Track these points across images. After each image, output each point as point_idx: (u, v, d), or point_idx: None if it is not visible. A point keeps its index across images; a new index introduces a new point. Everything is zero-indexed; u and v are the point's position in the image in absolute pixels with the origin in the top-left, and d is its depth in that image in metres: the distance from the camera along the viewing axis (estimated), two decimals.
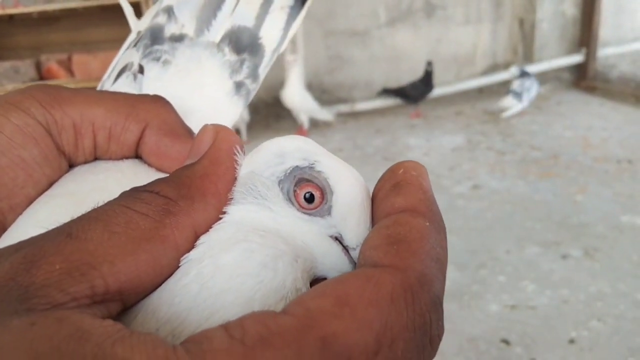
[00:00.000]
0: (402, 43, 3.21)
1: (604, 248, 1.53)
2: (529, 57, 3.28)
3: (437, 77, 2.88)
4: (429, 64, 2.83)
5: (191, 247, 0.19)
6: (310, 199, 0.20)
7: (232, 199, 0.21)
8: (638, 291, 1.33)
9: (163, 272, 0.18)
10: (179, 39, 0.35)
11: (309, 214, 0.20)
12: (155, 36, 0.35)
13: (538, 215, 1.76)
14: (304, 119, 2.75)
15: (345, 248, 0.21)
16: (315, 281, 0.21)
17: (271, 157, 0.21)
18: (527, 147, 2.40)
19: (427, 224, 0.19)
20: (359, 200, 0.20)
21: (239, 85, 0.35)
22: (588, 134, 2.53)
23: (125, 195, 0.19)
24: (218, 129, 0.22)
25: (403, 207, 0.19)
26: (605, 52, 3.38)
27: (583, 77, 3.29)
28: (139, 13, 0.38)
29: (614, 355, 1.14)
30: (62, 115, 0.26)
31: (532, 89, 2.90)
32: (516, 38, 3.38)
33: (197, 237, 0.19)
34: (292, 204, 0.21)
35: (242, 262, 0.19)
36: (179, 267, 0.18)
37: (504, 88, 3.31)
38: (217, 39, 0.34)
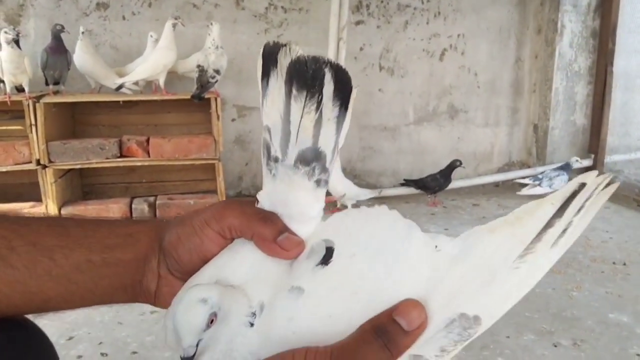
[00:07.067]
0: (427, 139, 3.61)
1: (590, 340, 1.79)
2: (541, 159, 3.63)
3: (457, 171, 3.21)
4: (459, 162, 3.15)
5: None
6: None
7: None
8: None
9: None
10: (276, 159, 0.49)
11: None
12: (268, 153, 0.49)
13: (537, 306, 2.03)
14: (346, 204, 3.05)
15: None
16: None
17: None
18: None
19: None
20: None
21: (317, 182, 0.49)
22: (590, 235, 2.81)
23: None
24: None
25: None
26: (613, 158, 3.72)
27: None
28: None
29: None
30: (225, 222, 0.51)
31: (555, 180, 3.23)
32: (530, 141, 3.75)
33: None
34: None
35: None
36: None
37: (517, 184, 3.65)
38: (292, 161, 0.48)
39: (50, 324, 1.89)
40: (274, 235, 0.48)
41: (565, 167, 3.29)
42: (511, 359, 1.69)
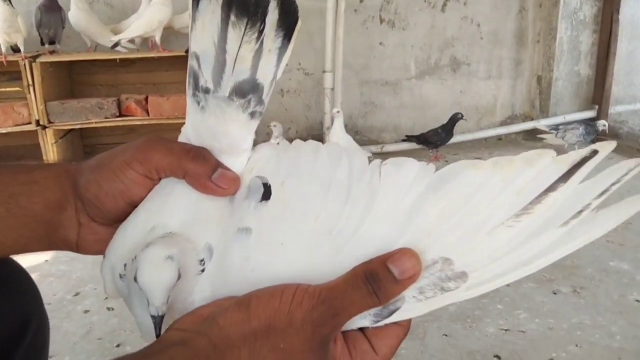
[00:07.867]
0: (428, 93, 3.56)
1: (590, 287, 1.81)
2: (545, 111, 3.59)
3: (459, 125, 3.18)
4: (461, 115, 3.11)
5: None
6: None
7: None
8: (613, 324, 1.60)
9: None
10: (206, 90, 0.45)
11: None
12: (195, 82, 0.46)
13: None
14: None
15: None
16: None
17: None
18: None
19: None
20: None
21: (251, 114, 0.46)
22: None
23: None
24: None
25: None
26: (617, 109, 3.67)
27: None
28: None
29: None
30: (150, 163, 0.47)
31: (568, 132, 3.18)
32: (534, 93, 3.70)
33: None
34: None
35: None
36: None
37: (520, 137, 3.63)
38: (227, 93, 0.45)
39: (56, 281, 1.92)
40: (208, 173, 0.45)
41: (588, 124, 3.21)
42: (510, 306, 1.71)
